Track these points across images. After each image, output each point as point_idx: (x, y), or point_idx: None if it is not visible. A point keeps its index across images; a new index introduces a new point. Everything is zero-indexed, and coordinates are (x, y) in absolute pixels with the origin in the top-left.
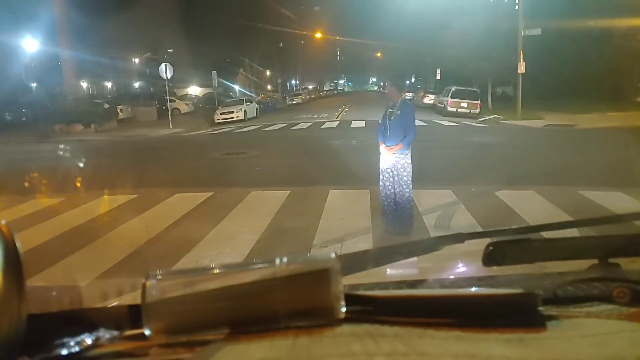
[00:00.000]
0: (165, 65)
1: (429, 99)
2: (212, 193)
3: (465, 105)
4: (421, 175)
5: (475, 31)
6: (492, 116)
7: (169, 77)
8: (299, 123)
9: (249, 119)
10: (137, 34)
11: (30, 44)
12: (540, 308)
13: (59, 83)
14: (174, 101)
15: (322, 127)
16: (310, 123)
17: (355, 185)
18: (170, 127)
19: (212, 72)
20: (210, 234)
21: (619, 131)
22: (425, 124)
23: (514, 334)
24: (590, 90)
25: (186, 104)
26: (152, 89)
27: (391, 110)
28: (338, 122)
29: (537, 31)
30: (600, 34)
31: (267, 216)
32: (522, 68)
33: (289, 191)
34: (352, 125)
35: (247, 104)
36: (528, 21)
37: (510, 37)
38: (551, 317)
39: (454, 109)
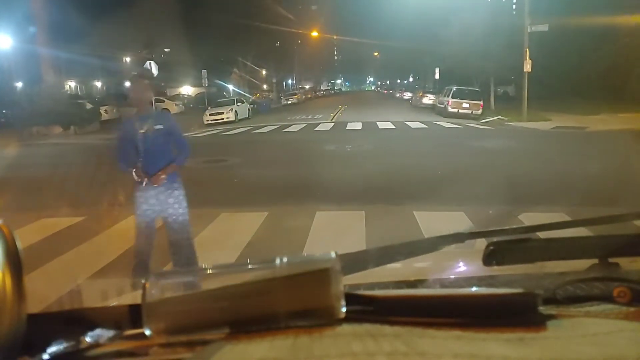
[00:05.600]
0: (150, 63)
1: (428, 99)
2: None
3: (467, 105)
4: (424, 191)
5: (477, 28)
6: (496, 117)
7: (154, 75)
8: (292, 125)
9: (240, 120)
10: (128, 32)
11: (5, 41)
12: (540, 308)
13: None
14: (163, 101)
15: (316, 129)
16: (304, 125)
17: (347, 206)
18: None
19: (202, 71)
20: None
21: (638, 134)
22: (425, 126)
23: (514, 334)
24: (595, 90)
25: (176, 104)
26: None
27: (141, 124)
28: (333, 123)
29: (545, 27)
30: (606, 31)
31: (234, 250)
32: (528, 67)
33: (267, 213)
34: (347, 128)
35: (238, 104)
36: (532, 18)
37: (513, 34)
38: (551, 317)
39: (455, 110)
